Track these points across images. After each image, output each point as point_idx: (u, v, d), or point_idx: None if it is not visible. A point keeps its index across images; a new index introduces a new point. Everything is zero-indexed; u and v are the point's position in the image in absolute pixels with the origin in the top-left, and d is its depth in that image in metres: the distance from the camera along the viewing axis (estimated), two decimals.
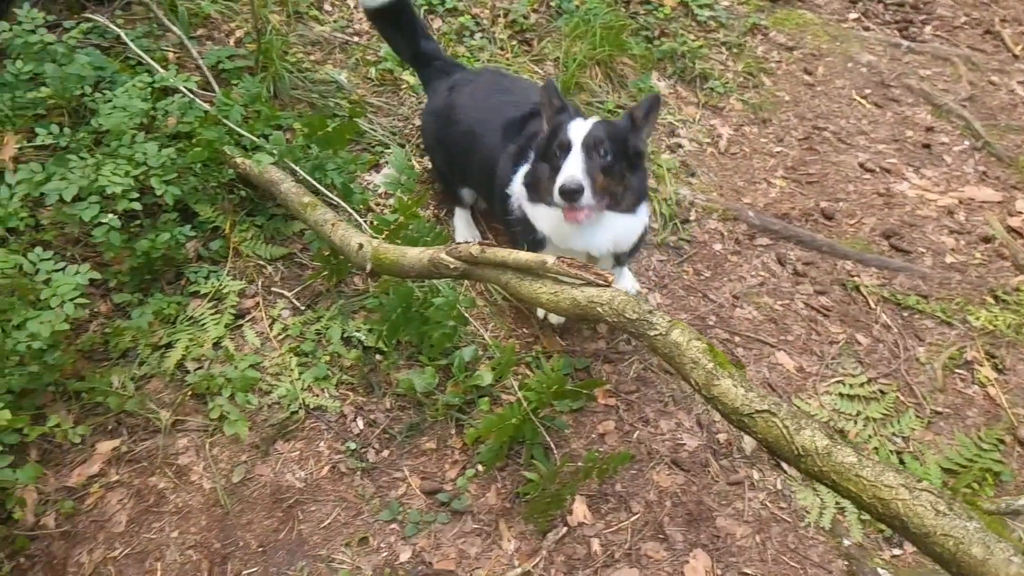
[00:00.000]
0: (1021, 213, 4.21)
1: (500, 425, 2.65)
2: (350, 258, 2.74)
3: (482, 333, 3.08)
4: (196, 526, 2.56)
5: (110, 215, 2.77)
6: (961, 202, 4.27)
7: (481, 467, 2.81)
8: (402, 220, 2.89)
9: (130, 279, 2.98)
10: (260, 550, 2.53)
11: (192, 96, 3.21)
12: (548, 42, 4.54)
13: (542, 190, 2.73)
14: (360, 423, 2.88)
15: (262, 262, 3.21)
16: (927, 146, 4.63)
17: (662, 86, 4.62)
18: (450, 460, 2.85)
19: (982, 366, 3.42)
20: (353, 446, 2.80)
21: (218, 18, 3.96)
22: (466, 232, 3.55)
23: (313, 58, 4.05)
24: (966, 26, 5.73)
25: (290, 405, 2.84)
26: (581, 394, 2.91)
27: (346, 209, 3.02)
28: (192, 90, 3.22)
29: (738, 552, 2.71)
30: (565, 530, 2.69)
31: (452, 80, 3.40)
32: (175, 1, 3.77)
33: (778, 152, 4.48)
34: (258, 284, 3.16)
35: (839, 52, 5.28)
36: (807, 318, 3.55)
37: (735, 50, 5.05)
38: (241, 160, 3.15)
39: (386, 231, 2.81)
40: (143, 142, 2.93)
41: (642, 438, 3.00)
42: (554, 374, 2.77)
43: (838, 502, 2.87)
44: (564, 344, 3.26)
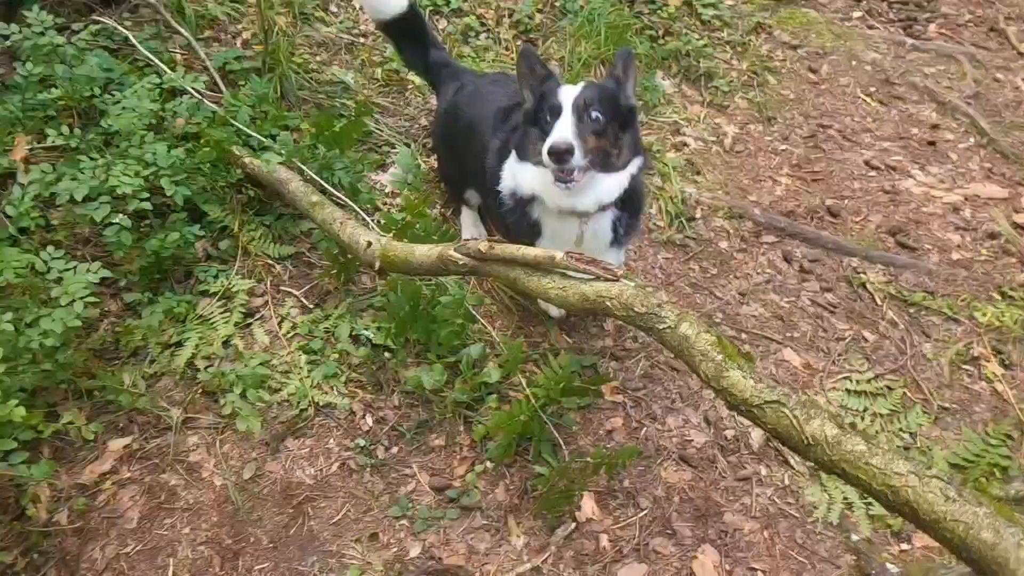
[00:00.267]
0: None
1: (508, 422, 2.67)
2: (358, 256, 2.76)
3: (490, 331, 3.09)
4: (207, 522, 2.57)
5: (120, 215, 2.79)
6: (967, 199, 4.27)
7: (490, 464, 2.82)
8: (409, 219, 2.91)
9: (140, 278, 3.00)
10: (271, 546, 2.54)
11: (200, 97, 3.24)
12: (553, 42, 4.56)
13: (531, 152, 2.68)
14: (369, 420, 2.89)
15: (270, 261, 3.23)
16: (932, 143, 4.64)
17: (667, 85, 4.63)
18: (459, 457, 2.86)
19: (989, 362, 3.43)
20: (362, 443, 2.81)
21: (225, 20, 3.99)
22: (473, 230, 3.56)
23: (319, 59, 4.07)
24: (970, 24, 5.74)
25: (299, 403, 2.85)
26: (588, 391, 2.93)
27: (354, 208, 3.03)
28: (200, 91, 3.24)
29: (746, 547, 2.72)
30: (574, 526, 2.70)
31: (460, 83, 3.43)
32: (183, 3, 3.79)
33: (783, 150, 4.49)
34: (267, 283, 3.17)
35: (843, 50, 5.29)
36: (813, 315, 3.56)
37: (739, 49, 5.06)
38: (249, 160, 3.17)
39: (394, 229, 2.83)
40: (152, 143, 2.96)
41: (650, 435, 3.01)
42: (562, 371, 2.78)
43: (846, 497, 2.88)
44: (571, 342, 3.27)
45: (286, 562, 2.51)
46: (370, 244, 2.67)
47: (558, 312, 3.23)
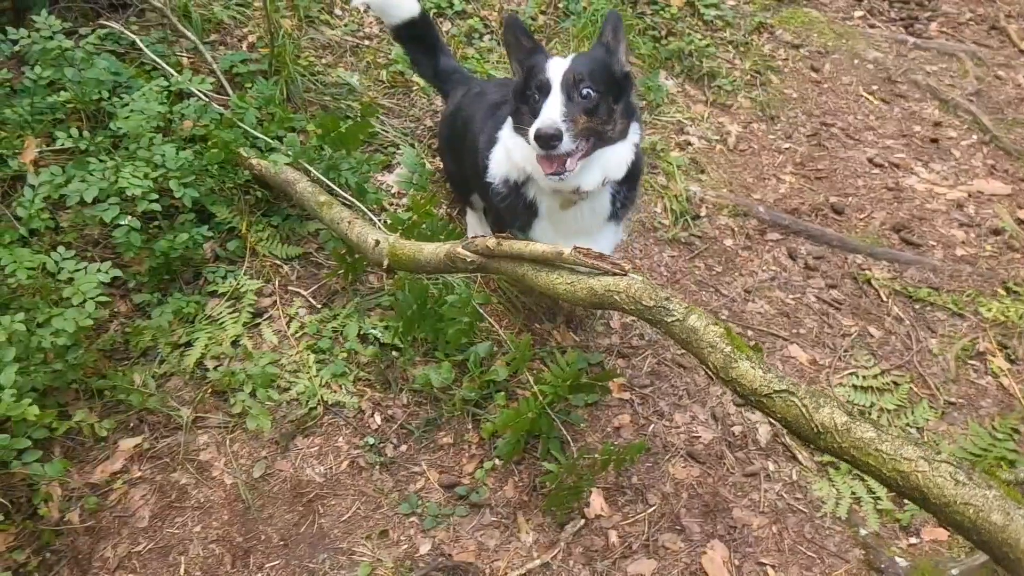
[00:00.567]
0: None
1: (516, 419, 2.68)
2: (367, 255, 2.77)
3: (497, 329, 3.10)
4: (218, 521, 2.59)
5: (129, 216, 2.81)
6: (970, 195, 4.29)
7: (498, 461, 2.83)
8: (416, 218, 2.93)
9: (149, 279, 3.02)
10: (282, 543, 2.55)
11: (207, 99, 3.26)
12: (557, 43, 4.58)
13: (525, 125, 2.45)
14: (378, 419, 2.90)
15: (278, 261, 3.25)
16: (935, 141, 4.66)
17: (670, 85, 4.65)
18: (467, 454, 2.87)
19: (995, 356, 3.44)
20: (371, 441, 2.83)
21: (231, 23, 4.01)
22: (478, 229, 3.57)
23: (325, 61, 4.10)
24: (971, 22, 5.76)
25: (308, 401, 2.87)
26: (596, 388, 2.93)
27: (361, 208, 3.05)
28: (207, 93, 3.27)
29: (755, 542, 2.73)
30: (583, 522, 2.71)
31: (467, 87, 3.44)
32: (188, 7, 3.82)
33: (787, 148, 4.51)
34: (275, 283, 3.19)
35: (845, 49, 5.31)
36: (819, 311, 3.57)
37: (742, 48, 5.08)
38: (257, 161, 3.19)
39: (400, 229, 2.84)
40: (161, 145, 2.98)
41: (657, 431, 3.02)
42: (569, 368, 2.79)
43: (854, 492, 2.88)
44: (578, 339, 3.28)
45: (297, 559, 2.52)
46: (378, 243, 2.68)
47: None
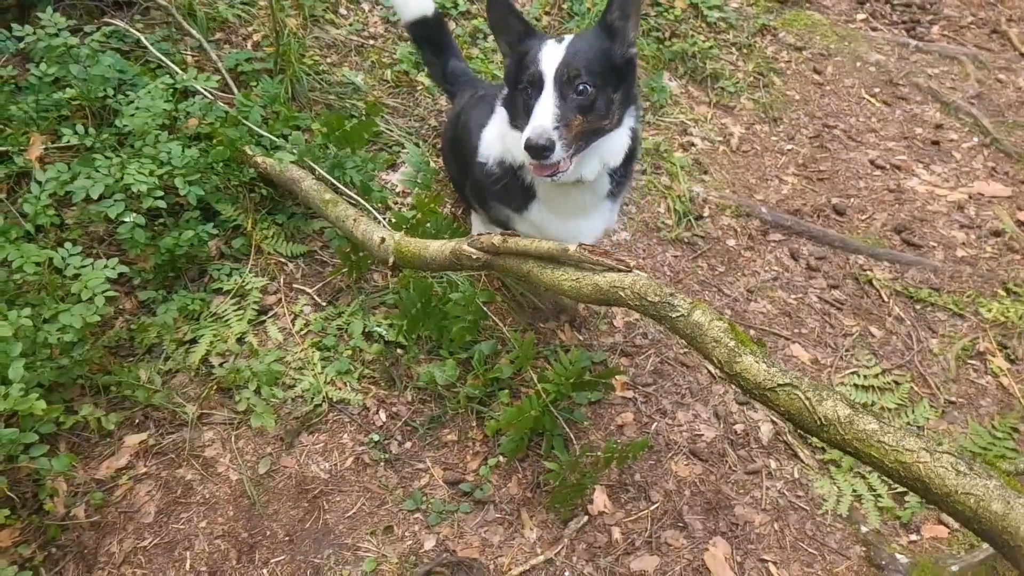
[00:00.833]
0: None
1: (520, 417, 2.68)
2: (372, 252, 2.79)
3: (501, 327, 3.11)
4: (223, 516, 2.59)
5: (134, 213, 2.83)
6: (971, 197, 4.30)
7: (502, 458, 2.84)
8: (420, 217, 2.94)
9: (154, 276, 3.03)
10: (287, 539, 2.56)
11: (213, 97, 3.27)
12: None
13: (519, 119, 2.35)
14: (382, 415, 2.92)
15: (283, 259, 3.26)
16: (936, 143, 4.68)
17: (674, 86, 4.67)
18: (471, 451, 2.88)
19: (994, 356, 3.45)
20: (376, 438, 2.84)
21: (235, 22, 4.03)
22: (482, 228, 3.57)
23: (330, 60, 4.11)
24: (973, 25, 5.78)
25: (313, 398, 2.88)
26: (599, 386, 2.94)
27: (365, 207, 3.06)
28: (212, 91, 3.28)
29: (757, 539, 2.74)
30: (586, 519, 2.73)
31: (474, 90, 3.45)
32: (193, 5, 3.83)
33: (789, 150, 4.52)
34: (280, 281, 3.20)
35: (847, 52, 5.33)
36: (821, 311, 3.59)
37: (745, 50, 5.10)
38: (262, 159, 3.21)
39: (405, 227, 2.86)
40: (166, 142, 2.99)
41: (660, 429, 3.04)
42: (572, 367, 2.80)
43: (855, 490, 2.90)
44: (581, 338, 3.30)
45: (302, 555, 2.53)
46: (384, 240, 2.69)
47: None
